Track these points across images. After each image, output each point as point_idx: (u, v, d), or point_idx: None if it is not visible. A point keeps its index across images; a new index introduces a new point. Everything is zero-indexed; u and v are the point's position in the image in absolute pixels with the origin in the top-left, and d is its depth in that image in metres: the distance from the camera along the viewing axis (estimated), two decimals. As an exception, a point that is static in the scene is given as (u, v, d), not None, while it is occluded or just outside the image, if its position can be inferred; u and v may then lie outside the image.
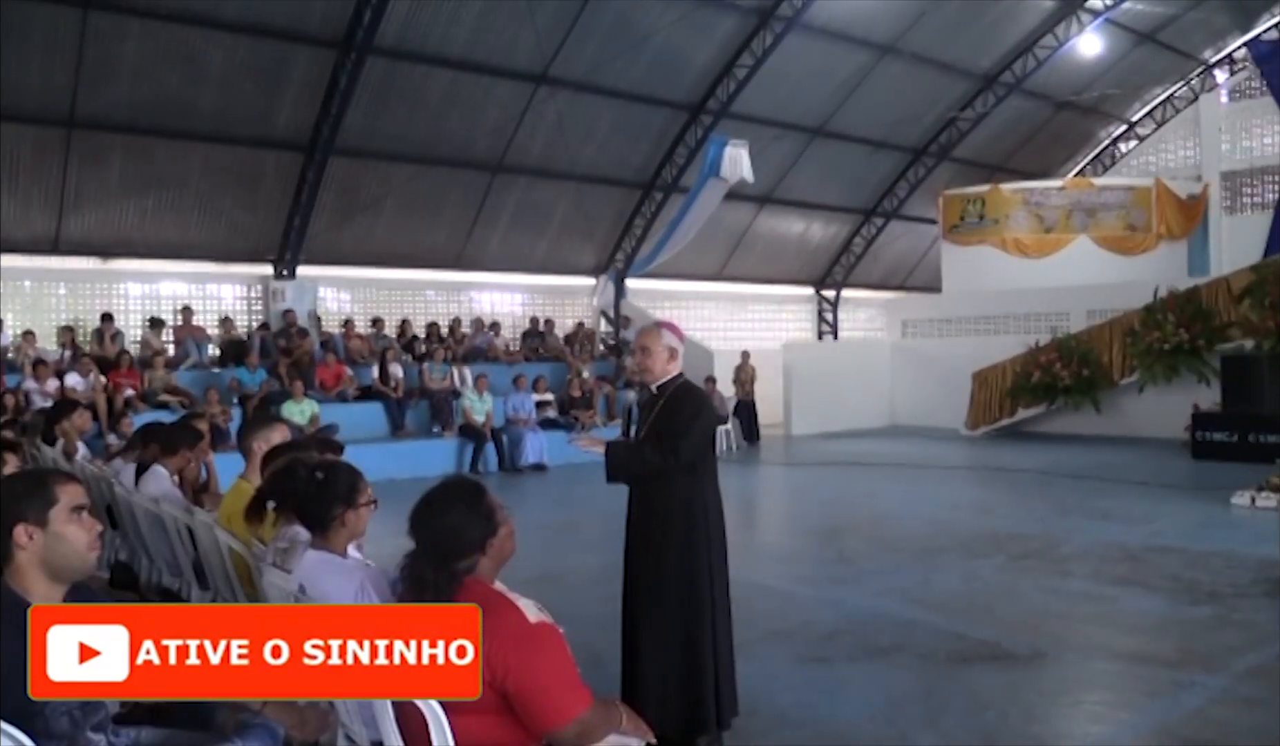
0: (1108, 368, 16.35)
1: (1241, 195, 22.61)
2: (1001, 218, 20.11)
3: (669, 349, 4.25)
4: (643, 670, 4.08)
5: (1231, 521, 9.36)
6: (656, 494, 4.11)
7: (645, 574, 4.13)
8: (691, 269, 20.63)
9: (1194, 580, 6.96)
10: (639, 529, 4.20)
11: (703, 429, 4.16)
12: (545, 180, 17.65)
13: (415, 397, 14.69)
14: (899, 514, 10.13)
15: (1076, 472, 12.63)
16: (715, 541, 4.18)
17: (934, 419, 18.47)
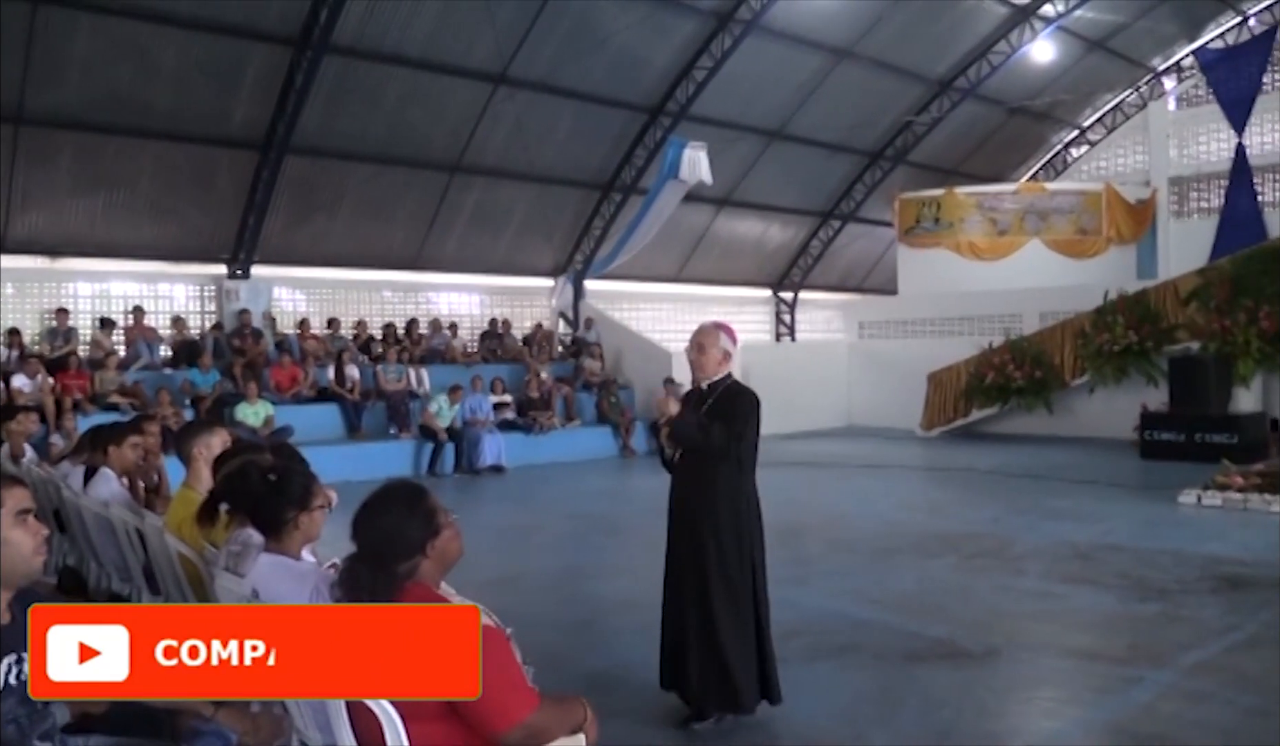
0: (1059, 369, 16.60)
1: (1188, 200, 23.06)
2: (956, 221, 20.35)
3: (724, 351, 4.48)
4: (715, 652, 4.31)
5: (1179, 519, 9.55)
6: (708, 483, 4.33)
7: (707, 559, 4.32)
8: (650, 270, 20.64)
9: (1143, 577, 7.09)
10: (688, 513, 4.38)
11: (757, 427, 4.40)
12: (504, 181, 17.57)
13: (372, 399, 14.57)
14: (855, 514, 10.21)
15: (1029, 472, 12.81)
16: (759, 531, 4.46)
17: (890, 419, 18.64)
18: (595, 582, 7.53)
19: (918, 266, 20.80)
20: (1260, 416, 14.28)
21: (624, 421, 16.24)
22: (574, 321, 19.36)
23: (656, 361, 17.41)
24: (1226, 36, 21.95)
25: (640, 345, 18.34)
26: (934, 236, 20.52)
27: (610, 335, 18.66)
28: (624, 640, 5.71)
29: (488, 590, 2.74)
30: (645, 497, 12.43)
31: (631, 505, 11.82)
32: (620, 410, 16.42)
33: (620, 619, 6.17)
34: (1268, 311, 14.30)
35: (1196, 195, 22.93)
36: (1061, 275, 19.02)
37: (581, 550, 8.92)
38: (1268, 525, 9.05)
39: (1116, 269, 19.45)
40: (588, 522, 10.33)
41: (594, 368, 17.54)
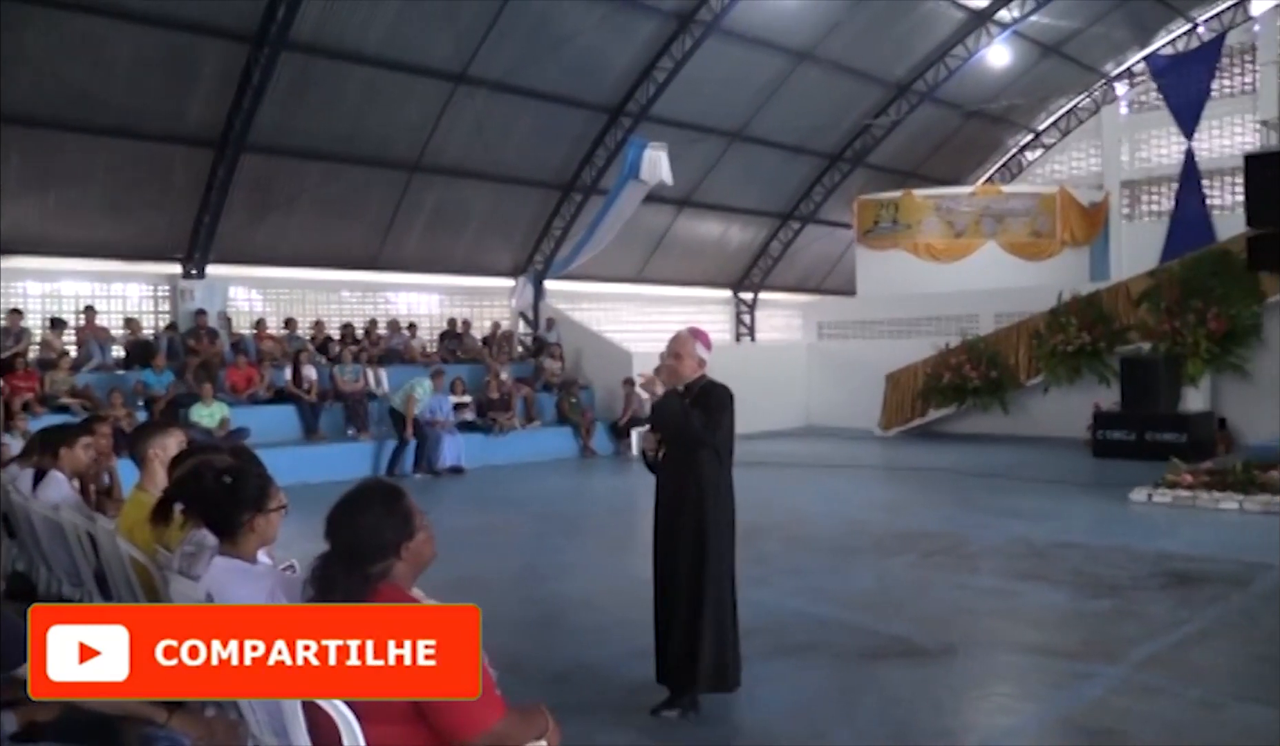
0: (1014, 369, 16.82)
1: (1140, 203, 23.49)
2: (914, 223, 20.55)
3: (699, 358, 4.71)
4: (704, 631, 4.52)
5: (1130, 517, 9.72)
6: (688, 479, 4.57)
7: (687, 548, 4.55)
8: (611, 270, 20.64)
9: (1095, 574, 7.20)
10: (670, 509, 4.62)
11: (731, 420, 4.63)
12: (464, 180, 17.49)
13: (329, 400, 14.43)
14: (815, 514, 10.28)
15: (984, 471, 12.97)
16: (727, 525, 4.65)
17: (849, 420, 18.78)
18: (555, 583, 7.52)
19: (876, 267, 20.99)
20: (1208, 416, 14.56)
21: (584, 422, 16.23)
22: (534, 322, 19.31)
23: (617, 362, 17.42)
24: (1176, 43, 22.36)
25: (601, 346, 18.34)
26: (892, 238, 20.71)
27: (570, 335, 18.64)
28: (584, 639, 5.70)
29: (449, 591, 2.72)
30: (605, 498, 12.47)
31: (592, 505, 11.82)
32: (580, 411, 16.41)
33: (580, 618, 6.17)
34: (1215, 313, 14.59)
35: (1147, 198, 23.37)
36: (1017, 277, 19.27)
37: (542, 550, 8.90)
38: (1215, 522, 9.25)
39: (1070, 270, 19.75)
40: (548, 523, 10.30)
41: (554, 368, 17.51)
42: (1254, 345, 14.65)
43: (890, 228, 20.81)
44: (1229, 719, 4.45)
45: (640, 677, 4.97)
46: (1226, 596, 6.52)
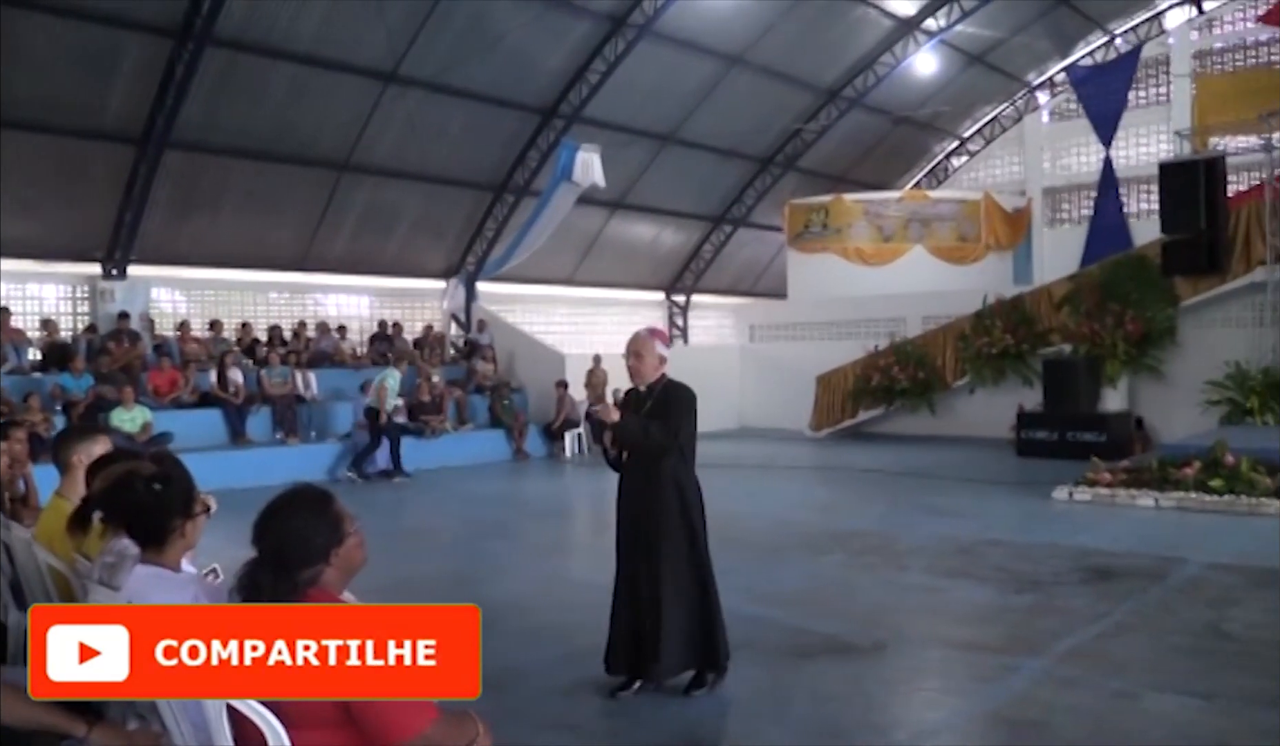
0: (941, 370, 17.16)
1: (1060, 209, 24.11)
2: (843, 227, 20.84)
3: (659, 356, 4.85)
4: (666, 618, 4.63)
5: (1052, 514, 9.97)
6: (655, 473, 4.70)
7: (652, 540, 4.69)
8: (544, 273, 20.58)
9: (1019, 570, 7.37)
10: (640, 502, 4.75)
11: (694, 419, 4.80)
12: (394, 180, 17.29)
13: (256, 404, 14.15)
14: (746, 513, 10.34)
15: (913, 471, 13.20)
16: (700, 511, 4.83)
17: (781, 421, 18.98)
18: (487, 586, 7.46)
19: (807, 271, 21.24)
20: (1126, 415, 15.00)
21: (517, 425, 16.15)
22: (466, 324, 19.16)
23: (550, 364, 17.38)
24: (1095, 55, 23.01)
25: (533, 348, 18.27)
26: (822, 242, 20.98)
27: (503, 338, 18.54)
28: (517, 643, 5.67)
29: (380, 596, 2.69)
30: (538, 501, 12.42)
31: (525, 509, 11.76)
32: (513, 413, 16.32)
33: (512, 621, 6.14)
34: (1133, 316, 15.05)
35: (1068, 205, 24.00)
36: (943, 280, 19.65)
37: (474, 554, 8.83)
38: (1133, 518, 9.54)
39: (994, 275, 20.18)
40: (480, 526, 10.23)
41: (486, 370, 17.39)
42: (1169, 347, 15.14)
43: (820, 232, 21.08)
44: (1146, 708, 4.59)
45: (573, 680, 4.96)
46: (1143, 590, 6.72)
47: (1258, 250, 14.32)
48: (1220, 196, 13.46)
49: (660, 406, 4.78)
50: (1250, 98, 15.40)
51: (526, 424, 16.37)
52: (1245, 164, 17.65)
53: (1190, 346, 15.00)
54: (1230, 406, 13.63)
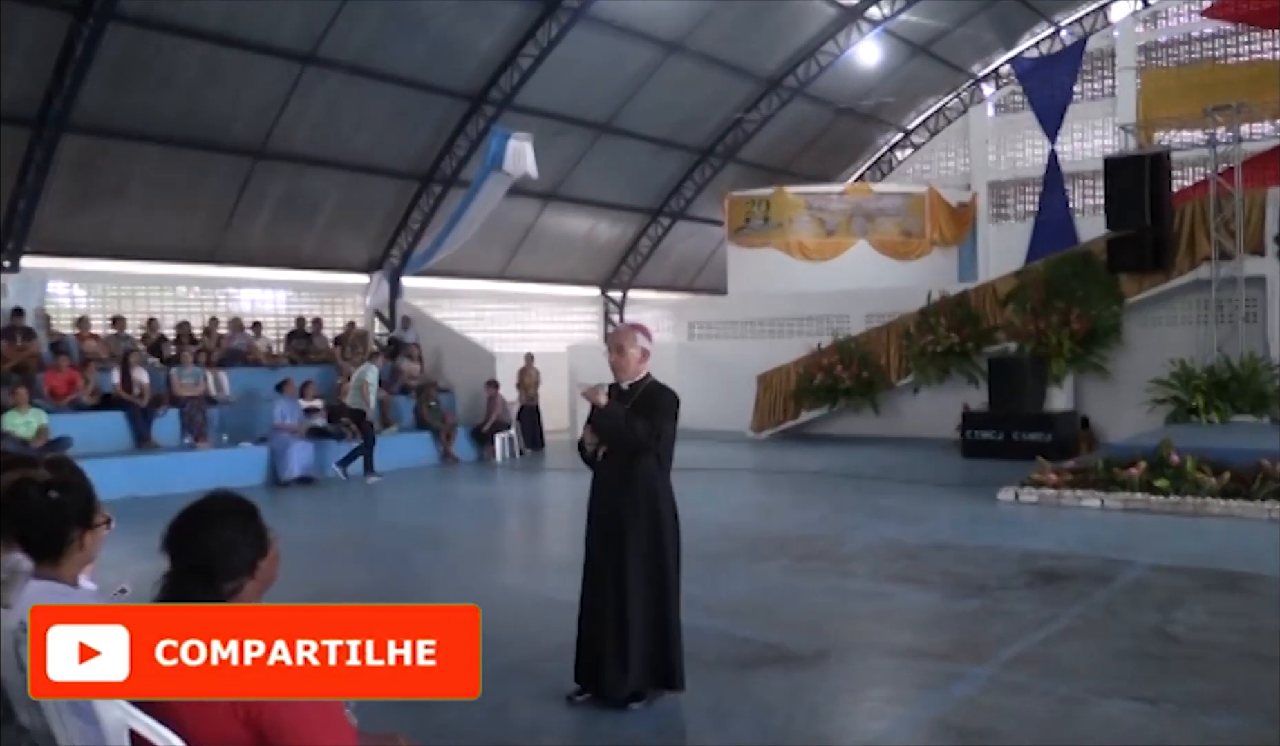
0: (885, 369, 17.40)
1: (1005, 204, 24.63)
2: (785, 221, 21.04)
3: (642, 350, 4.79)
4: (629, 631, 4.64)
5: (998, 516, 10.17)
6: (630, 476, 4.70)
7: (620, 547, 4.68)
8: (473, 267, 20.46)
9: (964, 575, 7.50)
10: (611, 506, 4.74)
11: (675, 424, 4.78)
12: (314, 169, 17.04)
13: (163, 406, 13.83)
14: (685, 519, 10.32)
15: (857, 473, 13.37)
16: (674, 524, 4.83)
17: (721, 422, 19.05)
18: (415, 599, 7.38)
19: (748, 266, 21.40)
20: (1072, 415, 15.36)
21: (445, 427, 16.02)
22: (390, 320, 18.96)
23: (479, 363, 17.28)
24: (1041, 46, 23.54)
25: (462, 346, 18.14)
26: (763, 236, 21.16)
27: (430, 335, 18.37)
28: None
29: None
30: (469, 507, 12.33)
31: (454, 516, 11.67)
32: (440, 415, 16.19)
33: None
34: (1078, 314, 15.42)
35: (1014, 199, 24.51)
36: (887, 276, 19.95)
37: (400, 564, 8.73)
38: (1079, 520, 9.77)
39: (939, 270, 20.54)
40: (407, 535, 10.12)
41: (412, 370, 17.22)
42: (1114, 345, 15.54)
43: (762, 226, 21.25)
44: (1093, 714, 4.70)
45: (506, 698, 4.93)
46: (1089, 593, 6.88)
47: (1202, 247, 14.75)
48: (1165, 192, 13.82)
49: (643, 407, 4.72)
50: (1195, 92, 15.84)
51: (455, 426, 16.26)
52: (1190, 159, 18.17)
53: (1136, 344, 15.41)
54: (1176, 405, 14.01)
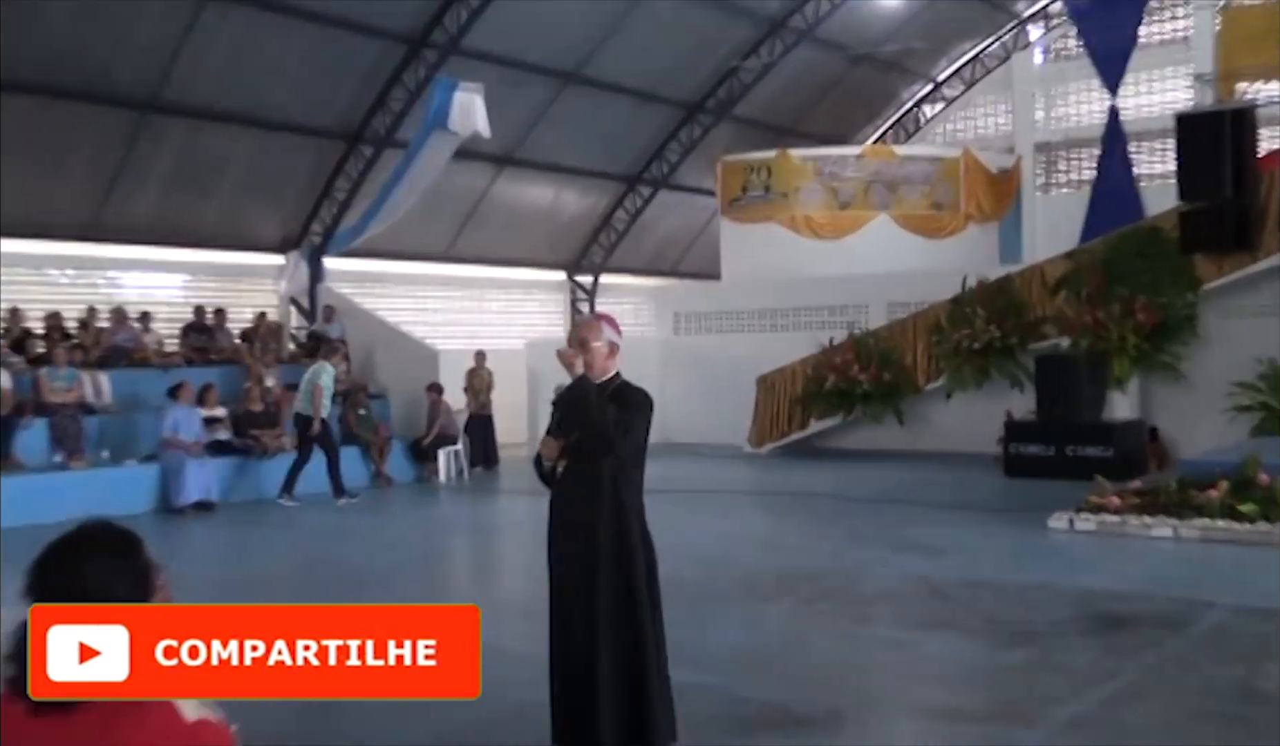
0: (911, 371, 17.40)
1: (1057, 170, 24.71)
2: (790, 190, 21.03)
3: (609, 343, 4.87)
4: (602, 686, 4.69)
5: (1049, 548, 10.17)
6: (597, 490, 4.76)
7: (594, 588, 4.71)
8: (411, 246, 20.37)
9: (1009, 619, 7.47)
10: (578, 535, 4.76)
11: (648, 429, 4.91)
12: (216, 125, 16.93)
13: (27, 415, 13.66)
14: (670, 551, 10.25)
15: (877, 496, 13.37)
16: (651, 554, 4.92)
17: (712, 434, 19.03)
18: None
19: (745, 245, 21.39)
20: (1138, 425, 15.38)
21: (377, 441, 15.90)
22: (310, 311, 18.85)
23: (419, 363, 17.17)
24: (1098, -21, 23.61)
25: (398, 342, 18.04)
26: (764, 209, 21.15)
27: (359, 329, 18.25)
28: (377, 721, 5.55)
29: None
30: (406, 540, 12.24)
31: (387, 550, 11.56)
32: (372, 426, 16.07)
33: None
34: (1144, 303, 15.42)
35: (1066, 165, 24.60)
36: (914, 257, 19.97)
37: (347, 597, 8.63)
38: (1147, 552, 9.76)
39: (976, 250, 20.58)
40: (326, 573, 10.03)
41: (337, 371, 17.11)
42: (1189, 341, 15.55)
43: (762, 196, 21.24)
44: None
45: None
46: (1160, 642, 6.86)
47: (1295, 222, 14.75)
48: (1250, 156, 13.80)
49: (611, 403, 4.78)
50: (1286, 36, 15.86)
51: (389, 440, 16.15)
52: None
53: (1214, 340, 15.43)
54: (1264, 413, 14.02)
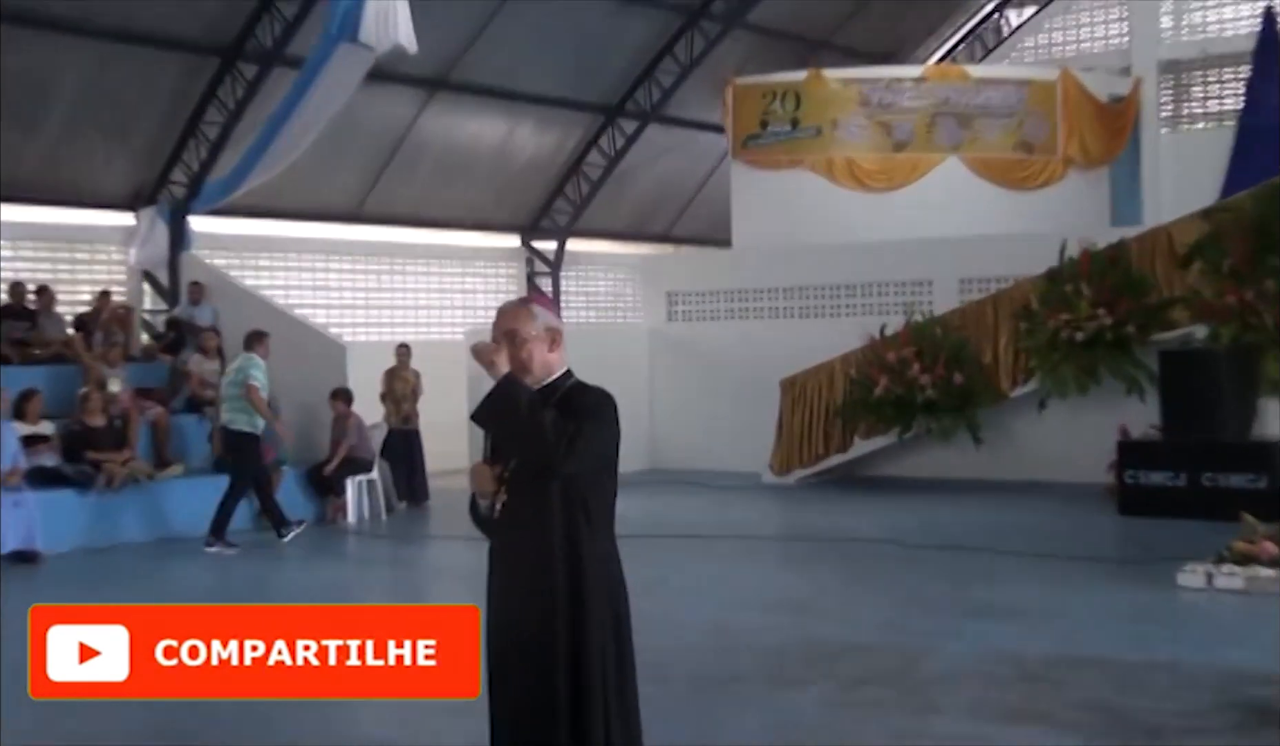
0: (991, 371, 17.37)
1: (1189, 98, 24.68)
2: (827, 124, 21.00)
3: (547, 329, 4.69)
4: None
5: (1179, 612, 10.16)
6: (545, 543, 4.55)
7: (550, 668, 4.52)
8: (310, 202, 20.41)
9: (1124, 709, 7.45)
10: (523, 599, 4.55)
11: (614, 441, 4.68)
12: (38, 35, 16.87)
13: None
14: (665, 617, 10.28)
15: (945, 541, 13.33)
16: (625, 618, 4.86)
17: (721, 456, 18.98)
18: None
19: (765, 200, 21.35)
20: (1299, 445, 15.40)
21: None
22: (172, 289, 18.77)
23: (320, 360, 17.10)
24: None
25: (291, 332, 17.91)
26: (790, 149, 21.13)
27: (237, 314, 18.17)
28: None
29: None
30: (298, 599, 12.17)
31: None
32: (256, 447, 16.05)
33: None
34: (1312, 278, 15.44)
35: (1203, 90, 24.58)
36: (994, 216, 19.96)
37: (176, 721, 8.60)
38: (1313, 618, 9.75)
39: (1080, 207, 20.58)
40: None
41: (207, 371, 17.05)
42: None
43: (788, 132, 21.22)
44: None
45: None
46: (1333, 742, 6.85)
47: None
48: None
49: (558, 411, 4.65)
50: None
51: (280, 465, 16.08)
52: None
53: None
54: None
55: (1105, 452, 15.60)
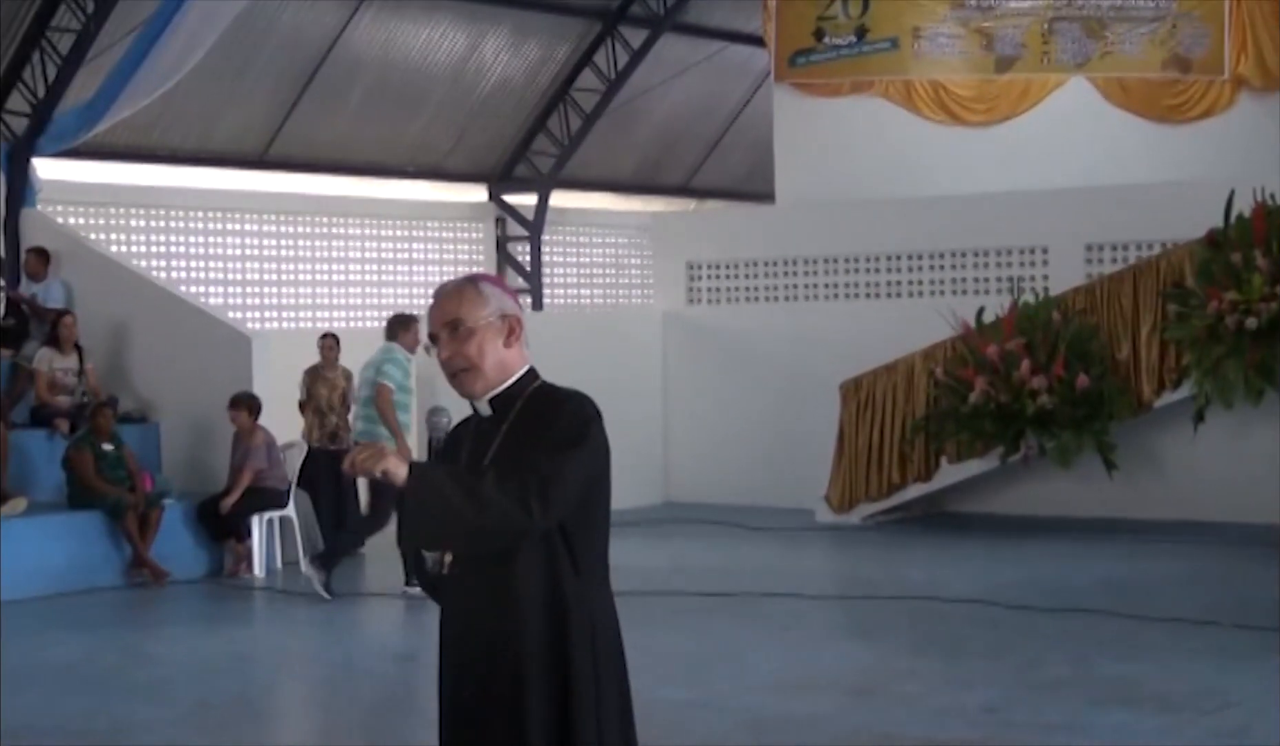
0: (1132, 372, 17.43)
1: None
2: (905, 35, 21.07)
3: (503, 319, 4.61)
4: None
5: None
6: (510, 607, 4.52)
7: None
8: (199, 142, 20.47)
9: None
10: (481, 678, 4.61)
11: (590, 464, 4.52)
12: None
13: None
14: (690, 703, 10.38)
15: (1065, 602, 13.38)
16: (625, 694, 4.75)
17: (755, 487, 19.06)
18: None
19: (821, 137, 21.41)
20: None
21: (134, 501, 15.92)
22: (10, 259, 18.89)
23: (217, 353, 17.19)
24: None
25: (176, 317, 18.05)
26: (856, 68, 21.20)
27: (100, 291, 18.29)
28: None
29: None
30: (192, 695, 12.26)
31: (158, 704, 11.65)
32: (125, 473, 16.12)
33: None
34: None
35: None
36: (1134, 158, 20.01)
37: None
38: None
39: (1253, 145, 20.56)
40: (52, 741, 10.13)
41: (60, 370, 17.16)
42: None
43: (849, 48, 21.29)
44: None
45: None
46: None
47: None
48: None
49: (525, 438, 4.58)
50: None
51: (160, 498, 16.18)
52: None
53: None
54: None
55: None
